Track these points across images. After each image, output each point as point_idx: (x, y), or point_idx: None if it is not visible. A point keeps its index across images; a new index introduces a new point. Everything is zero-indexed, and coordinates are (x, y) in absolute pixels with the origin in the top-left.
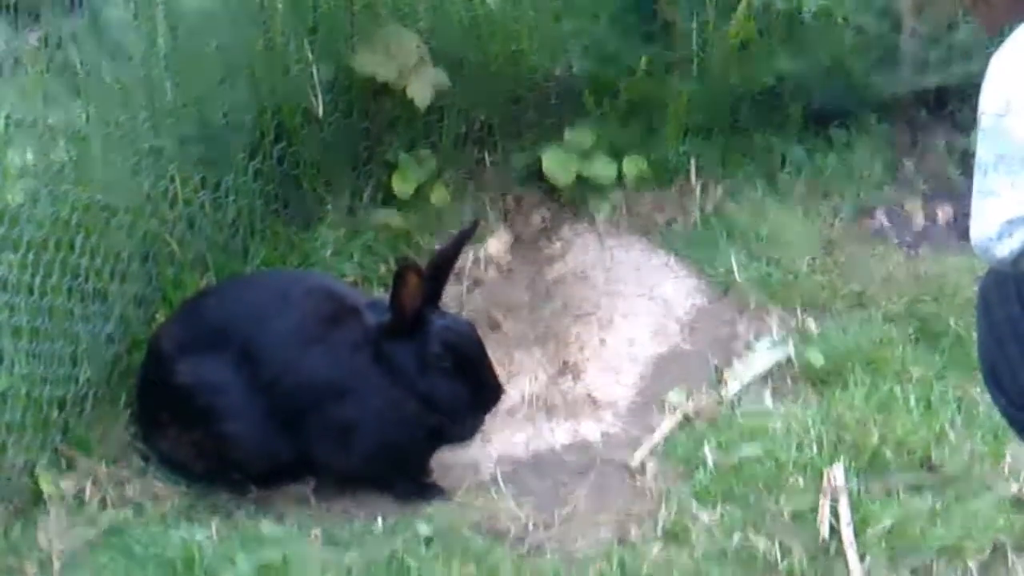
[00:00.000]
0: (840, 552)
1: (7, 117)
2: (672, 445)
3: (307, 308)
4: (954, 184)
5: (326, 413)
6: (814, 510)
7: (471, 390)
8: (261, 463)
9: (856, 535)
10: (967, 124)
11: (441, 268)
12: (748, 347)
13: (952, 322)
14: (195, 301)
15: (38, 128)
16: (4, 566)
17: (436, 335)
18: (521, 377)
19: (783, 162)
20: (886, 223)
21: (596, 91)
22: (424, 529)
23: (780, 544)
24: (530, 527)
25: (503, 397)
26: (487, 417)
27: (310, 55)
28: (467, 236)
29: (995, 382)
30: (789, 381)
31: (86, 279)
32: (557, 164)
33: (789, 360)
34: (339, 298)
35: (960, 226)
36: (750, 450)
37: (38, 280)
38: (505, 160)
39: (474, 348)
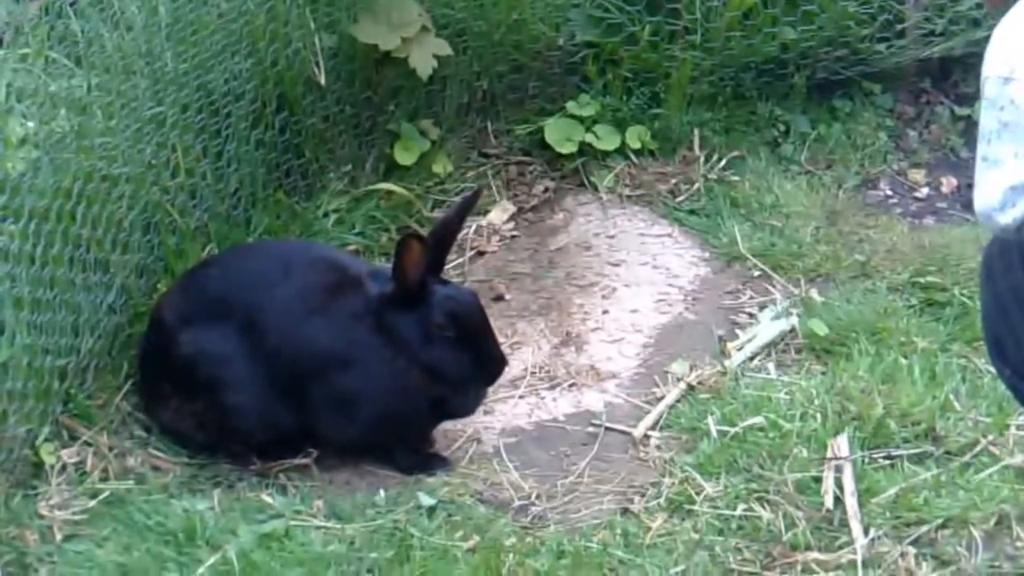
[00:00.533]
0: (844, 522)
1: (8, 86)
2: (675, 416)
3: (309, 278)
4: (958, 154)
5: (328, 383)
6: (818, 480)
7: (474, 361)
8: (263, 433)
9: (860, 505)
10: (971, 94)
11: (444, 237)
12: (752, 317)
13: (956, 292)
14: (197, 271)
15: (39, 97)
16: (5, 536)
17: (439, 304)
18: (524, 348)
19: (787, 132)
20: (890, 193)
21: (599, 60)
22: (427, 500)
23: (784, 515)
24: (533, 498)
25: (505, 369)
26: (489, 389)
27: (312, 24)
28: (469, 205)
29: (999, 352)
30: (793, 351)
31: (87, 249)
32: (560, 134)
33: (793, 330)
34: (341, 268)
35: (964, 196)
36: (754, 421)
37: (39, 250)
38: (508, 130)
39: (477, 318)
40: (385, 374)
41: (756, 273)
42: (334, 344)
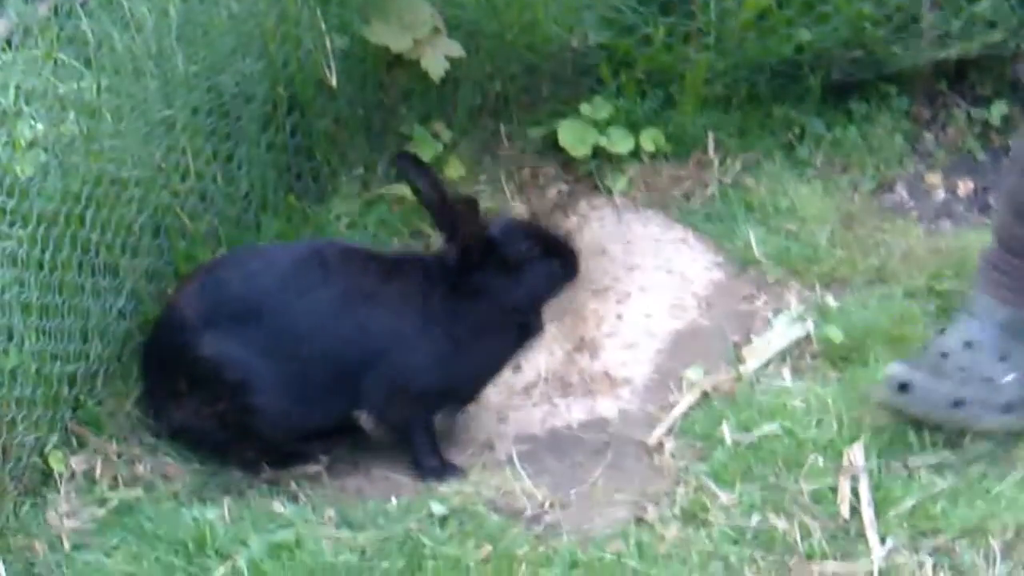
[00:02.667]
0: (860, 532)
1: (17, 88)
2: (690, 423)
3: (355, 270)
4: (975, 157)
5: (397, 361)
6: (834, 490)
7: (561, 259)
8: (288, 433)
9: (877, 515)
10: (988, 96)
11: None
12: (767, 323)
13: None
14: (217, 268)
15: (48, 99)
16: (14, 545)
17: (510, 235)
18: (537, 354)
19: (802, 135)
20: (906, 197)
21: (613, 62)
22: (439, 508)
23: (799, 524)
24: (546, 506)
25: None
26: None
27: (323, 25)
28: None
29: None
30: (808, 358)
31: (97, 253)
32: (573, 137)
33: (808, 336)
34: (374, 255)
35: (981, 199)
36: (769, 428)
37: (48, 255)
38: (521, 133)
39: (537, 223)
40: (479, 334)
41: (771, 278)
42: (410, 325)
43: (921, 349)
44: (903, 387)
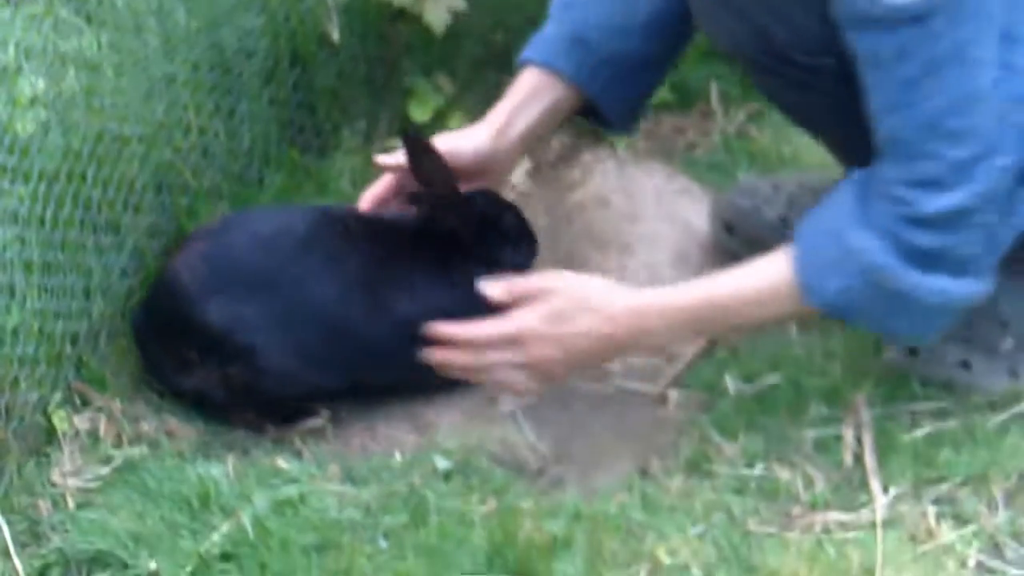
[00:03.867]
0: (864, 481)
1: (17, 45)
2: (694, 375)
3: (377, 239)
4: None
5: None
6: (838, 439)
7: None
8: (296, 394)
9: (880, 464)
10: None
11: None
12: None
13: None
14: (220, 232)
15: (48, 56)
16: (18, 504)
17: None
18: None
19: None
20: None
21: None
22: (442, 463)
23: (802, 474)
24: (550, 460)
25: None
26: None
27: None
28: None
29: None
30: None
31: (99, 211)
32: None
33: None
34: (394, 223)
35: None
36: (773, 379)
37: (49, 212)
38: None
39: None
40: None
41: None
42: (443, 297)
43: None
44: (912, 351)
